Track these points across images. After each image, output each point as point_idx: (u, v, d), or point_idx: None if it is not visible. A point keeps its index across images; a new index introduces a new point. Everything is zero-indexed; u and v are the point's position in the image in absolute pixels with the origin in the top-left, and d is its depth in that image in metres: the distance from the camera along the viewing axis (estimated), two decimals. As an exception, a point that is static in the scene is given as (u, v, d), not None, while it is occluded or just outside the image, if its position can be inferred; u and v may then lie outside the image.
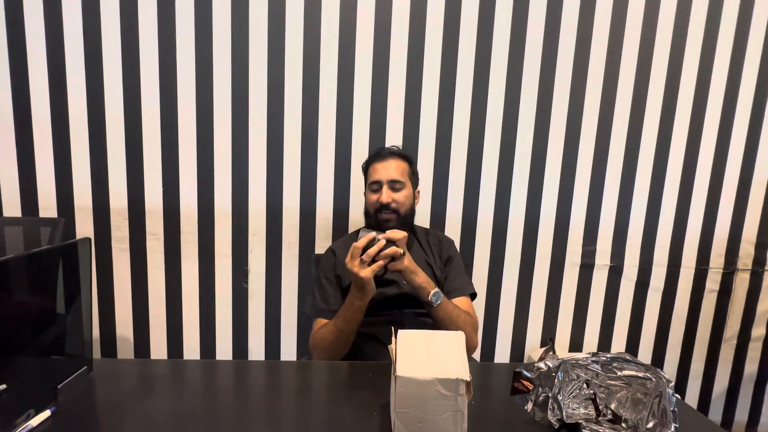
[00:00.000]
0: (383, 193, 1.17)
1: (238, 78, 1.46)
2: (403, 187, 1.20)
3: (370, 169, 1.24)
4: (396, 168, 1.20)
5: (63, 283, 0.75)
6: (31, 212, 1.47)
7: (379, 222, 1.18)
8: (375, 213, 1.19)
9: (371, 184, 1.21)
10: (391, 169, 1.20)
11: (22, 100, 1.42)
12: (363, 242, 0.98)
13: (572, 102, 1.54)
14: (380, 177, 1.19)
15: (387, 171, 1.19)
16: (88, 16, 1.40)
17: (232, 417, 0.73)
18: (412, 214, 1.24)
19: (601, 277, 1.64)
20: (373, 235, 0.98)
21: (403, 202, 1.19)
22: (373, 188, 1.21)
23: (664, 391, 0.65)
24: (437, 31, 1.47)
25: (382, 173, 1.19)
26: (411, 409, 0.63)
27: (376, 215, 1.19)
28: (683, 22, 1.52)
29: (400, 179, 1.19)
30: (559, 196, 1.59)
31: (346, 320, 1.06)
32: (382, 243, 0.98)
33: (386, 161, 1.21)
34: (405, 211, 1.20)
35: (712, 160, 1.60)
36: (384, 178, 1.19)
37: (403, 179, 1.20)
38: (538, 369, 0.71)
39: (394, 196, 1.18)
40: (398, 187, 1.19)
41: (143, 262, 1.52)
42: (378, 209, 1.18)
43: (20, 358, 0.68)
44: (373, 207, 1.19)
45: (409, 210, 1.22)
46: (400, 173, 1.20)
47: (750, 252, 1.66)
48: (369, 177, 1.24)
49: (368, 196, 1.23)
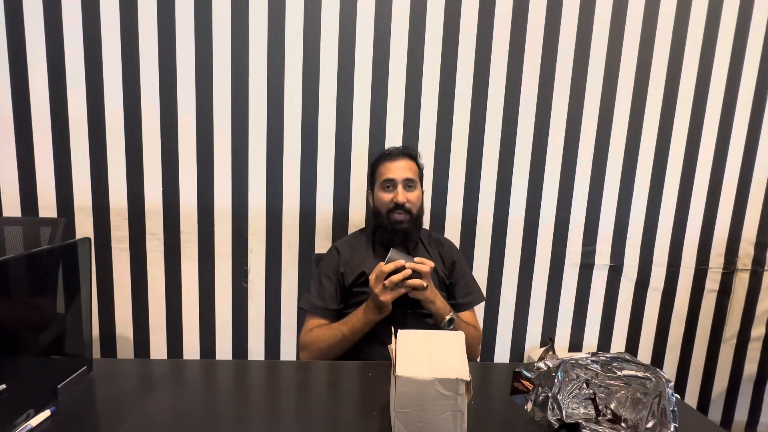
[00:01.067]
0: (399, 193, 1.16)
1: (237, 78, 1.46)
2: (415, 187, 1.20)
3: (382, 168, 1.21)
4: (409, 168, 1.20)
5: (63, 283, 0.75)
6: (31, 212, 1.47)
7: (392, 222, 1.16)
8: (387, 213, 1.17)
9: (384, 182, 1.19)
10: (405, 168, 1.19)
11: (21, 100, 1.42)
12: (390, 267, 0.99)
13: (572, 102, 1.54)
14: (394, 176, 1.17)
15: (401, 170, 1.18)
16: (87, 16, 1.40)
17: (232, 417, 0.73)
18: (422, 215, 1.24)
19: (600, 277, 1.64)
20: (402, 263, 0.99)
21: (416, 203, 1.19)
22: (385, 187, 1.19)
23: (663, 390, 0.65)
24: (437, 32, 1.47)
25: (396, 172, 1.18)
26: (411, 408, 0.63)
27: (388, 215, 1.17)
28: (683, 23, 1.52)
29: (414, 179, 1.19)
30: (559, 196, 1.59)
31: (354, 330, 1.06)
32: (408, 272, 0.99)
33: (399, 160, 1.20)
34: (417, 211, 1.20)
35: (711, 159, 1.61)
36: (398, 177, 1.17)
37: (416, 179, 1.20)
38: (537, 369, 0.71)
39: (409, 196, 1.17)
40: (412, 187, 1.19)
41: (143, 262, 1.52)
42: (391, 209, 1.17)
43: (20, 357, 0.68)
44: (386, 206, 1.18)
45: (420, 211, 1.22)
46: (413, 173, 1.20)
47: (749, 252, 1.66)
48: (380, 176, 1.21)
49: (380, 194, 1.20)
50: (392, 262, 1.00)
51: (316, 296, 1.18)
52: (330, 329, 1.10)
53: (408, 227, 1.17)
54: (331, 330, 1.10)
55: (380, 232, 1.22)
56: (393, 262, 0.99)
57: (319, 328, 1.12)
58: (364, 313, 1.06)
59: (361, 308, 1.07)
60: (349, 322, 1.07)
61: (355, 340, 1.08)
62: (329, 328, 1.11)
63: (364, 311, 1.06)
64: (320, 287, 1.19)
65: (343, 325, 1.08)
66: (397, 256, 1.01)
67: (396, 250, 1.04)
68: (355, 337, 1.07)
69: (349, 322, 1.08)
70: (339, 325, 1.09)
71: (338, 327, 1.09)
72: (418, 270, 1.00)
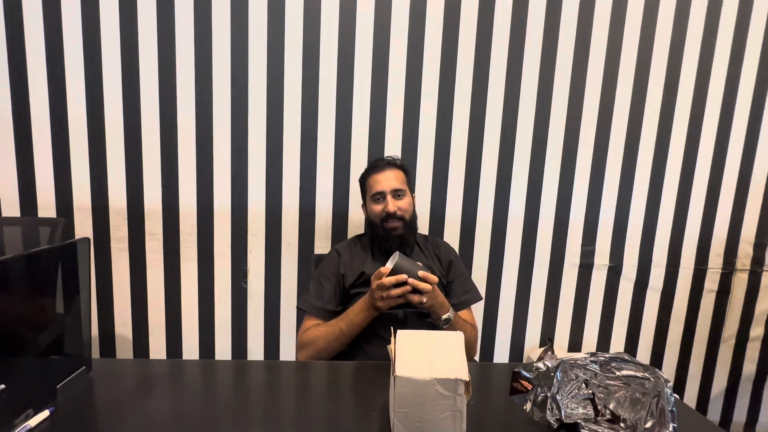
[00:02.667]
0: (388, 203, 1.20)
1: (237, 78, 1.46)
2: (405, 195, 1.24)
3: (370, 181, 1.25)
4: (396, 177, 1.24)
5: (62, 283, 0.75)
6: (30, 212, 1.47)
7: (386, 230, 1.20)
8: (381, 222, 1.21)
9: (374, 195, 1.23)
10: (392, 178, 1.23)
11: (21, 100, 1.42)
12: (392, 280, 0.98)
13: (571, 102, 1.54)
14: (383, 188, 1.22)
15: (388, 181, 1.22)
16: (87, 16, 1.40)
17: (231, 417, 0.73)
18: (415, 219, 1.28)
19: (600, 277, 1.65)
20: (404, 278, 0.98)
21: (407, 209, 1.23)
22: (376, 199, 1.23)
23: (662, 390, 0.65)
24: (436, 32, 1.48)
25: (384, 183, 1.22)
26: (410, 409, 0.63)
27: (382, 224, 1.21)
28: (682, 23, 1.52)
29: (401, 187, 1.23)
30: (558, 196, 1.59)
31: (352, 326, 1.08)
32: (408, 288, 0.99)
33: (385, 172, 1.24)
34: (409, 216, 1.24)
35: (711, 160, 1.61)
36: (387, 188, 1.21)
37: (404, 187, 1.24)
38: (537, 369, 0.71)
39: (399, 204, 1.21)
40: (401, 195, 1.23)
41: (142, 262, 1.52)
42: (384, 218, 1.21)
43: (19, 358, 0.68)
44: (379, 216, 1.21)
45: (413, 215, 1.26)
46: (400, 182, 1.24)
47: (748, 252, 1.66)
48: (370, 189, 1.25)
49: (372, 207, 1.24)
50: (395, 275, 0.98)
51: (315, 297, 1.19)
52: (327, 326, 1.12)
53: (403, 233, 1.21)
54: (329, 327, 1.11)
55: (377, 241, 1.25)
56: (395, 276, 0.98)
57: (316, 327, 1.14)
58: (361, 309, 1.07)
59: (358, 304, 1.09)
60: (347, 318, 1.09)
61: (352, 336, 1.09)
62: (327, 326, 1.12)
63: (362, 308, 1.07)
64: (319, 288, 1.20)
65: (340, 321, 1.10)
66: (404, 263, 1.00)
67: (402, 256, 1.02)
68: (352, 333, 1.08)
69: (346, 318, 1.09)
70: (336, 322, 1.10)
71: (336, 323, 1.10)
72: (420, 288, 0.99)
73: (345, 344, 1.11)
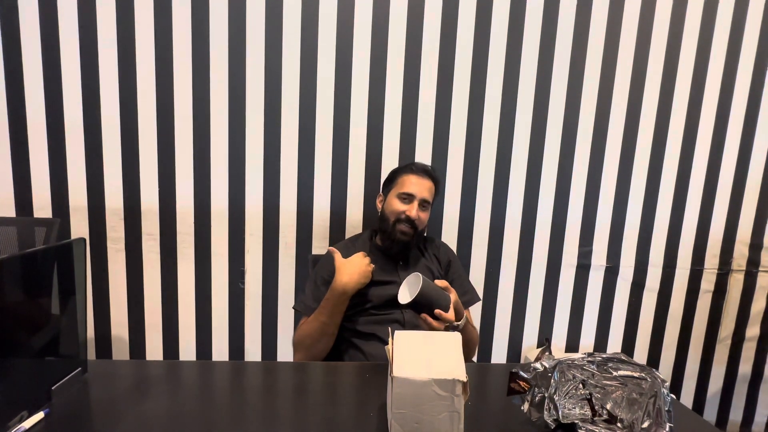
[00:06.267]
0: (413, 208, 1.20)
1: (234, 78, 1.45)
2: (427, 209, 1.24)
3: (405, 179, 1.24)
4: (429, 190, 1.24)
5: (58, 284, 0.75)
6: (26, 212, 1.46)
7: (396, 231, 1.20)
8: (395, 221, 1.21)
9: (402, 194, 1.22)
10: (426, 188, 1.23)
11: (16, 99, 1.41)
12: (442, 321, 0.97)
13: (568, 103, 1.55)
14: (415, 191, 1.21)
15: (422, 188, 1.22)
16: (83, 15, 1.39)
17: (229, 418, 0.73)
18: (423, 233, 1.30)
19: (597, 277, 1.65)
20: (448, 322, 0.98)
21: (423, 222, 1.23)
22: (402, 197, 1.22)
23: (659, 391, 0.65)
24: (435, 32, 1.48)
25: (417, 188, 1.22)
26: (407, 409, 0.63)
27: (395, 224, 1.20)
28: (678, 25, 1.53)
29: (430, 201, 1.24)
30: (556, 197, 1.59)
31: (331, 312, 1.10)
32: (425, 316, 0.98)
33: (424, 179, 1.24)
34: (420, 229, 1.24)
35: (706, 161, 1.62)
36: (418, 194, 1.21)
37: (430, 202, 1.25)
38: (534, 369, 0.71)
39: (421, 215, 1.21)
40: (425, 207, 1.23)
41: (139, 262, 1.51)
42: (399, 219, 1.20)
43: (14, 359, 0.67)
44: (396, 215, 1.21)
45: (424, 230, 1.28)
46: (430, 195, 1.24)
47: (744, 253, 1.67)
48: (400, 185, 1.24)
49: (392, 202, 1.23)
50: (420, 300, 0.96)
51: (311, 298, 1.19)
52: (309, 323, 1.14)
53: (409, 241, 1.21)
54: (311, 323, 1.13)
55: (381, 237, 1.25)
56: (442, 320, 0.97)
57: (301, 326, 1.15)
58: (333, 295, 1.10)
59: (329, 290, 1.11)
60: (323, 308, 1.11)
61: (337, 322, 1.12)
62: (308, 323, 1.14)
63: (332, 292, 1.10)
64: (315, 290, 1.20)
65: (319, 314, 1.12)
66: (428, 289, 0.97)
67: (425, 278, 0.98)
68: (336, 319, 1.11)
69: (323, 308, 1.12)
70: (316, 315, 1.13)
71: (315, 317, 1.13)
72: (444, 318, 0.97)
73: (334, 334, 1.13)
